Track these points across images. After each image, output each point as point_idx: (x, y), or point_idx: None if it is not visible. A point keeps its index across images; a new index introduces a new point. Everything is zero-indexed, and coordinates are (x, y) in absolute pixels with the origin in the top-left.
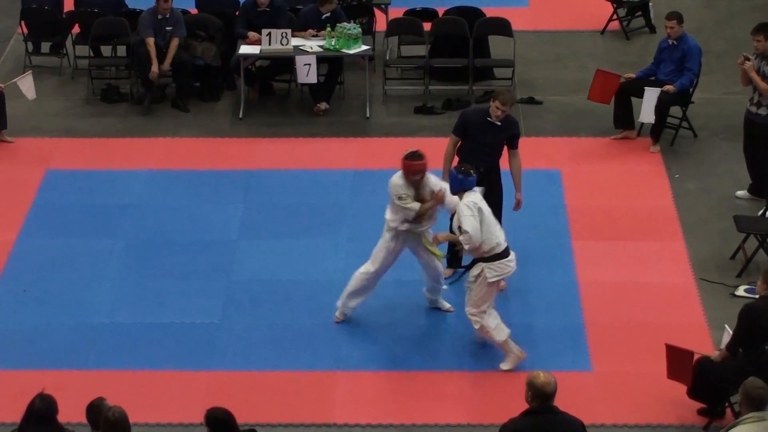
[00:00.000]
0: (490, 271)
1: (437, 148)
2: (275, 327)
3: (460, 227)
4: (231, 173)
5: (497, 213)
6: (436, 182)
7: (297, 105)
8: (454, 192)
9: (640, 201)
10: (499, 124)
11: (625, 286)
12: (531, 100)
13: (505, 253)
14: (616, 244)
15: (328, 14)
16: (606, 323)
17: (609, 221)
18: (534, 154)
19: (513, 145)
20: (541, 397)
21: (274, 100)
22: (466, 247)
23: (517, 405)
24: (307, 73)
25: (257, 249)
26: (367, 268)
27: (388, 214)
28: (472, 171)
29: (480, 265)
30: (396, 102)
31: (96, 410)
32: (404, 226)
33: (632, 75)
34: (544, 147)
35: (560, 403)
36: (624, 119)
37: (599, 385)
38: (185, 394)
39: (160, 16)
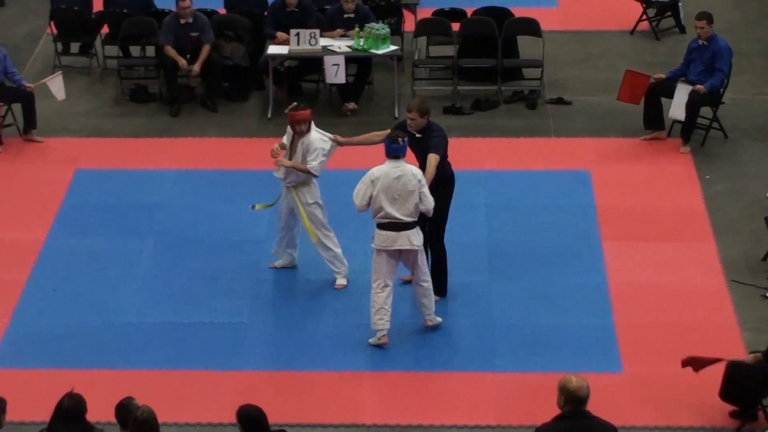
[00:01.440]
0: (376, 238)
1: (467, 149)
2: (303, 327)
3: None
4: (259, 173)
5: (433, 227)
6: (310, 147)
7: (326, 105)
8: (386, 156)
9: (671, 202)
10: (419, 135)
11: (656, 287)
12: (560, 101)
13: (390, 226)
14: (646, 245)
15: (352, 14)
16: (636, 324)
17: (639, 222)
18: (563, 155)
19: (428, 150)
20: (573, 401)
21: (302, 100)
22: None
23: (547, 406)
24: (336, 73)
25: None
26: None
27: None
28: (399, 139)
29: (376, 229)
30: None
31: (125, 410)
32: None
33: (662, 75)
34: (574, 147)
35: (590, 404)
36: (654, 120)
37: (629, 386)
38: (213, 394)
39: (182, 21)
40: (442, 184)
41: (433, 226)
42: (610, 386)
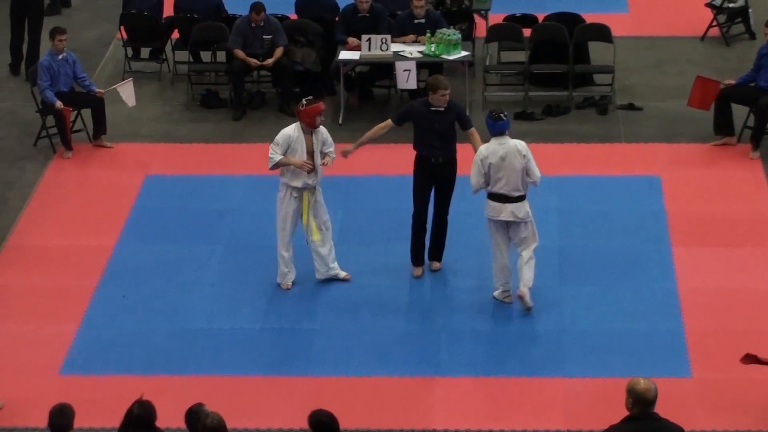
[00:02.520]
0: (485, 207)
1: (538, 154)
2: (374, 332)
3: None
4: (330, 179)
5: (445, 202)
6: (326, 138)
7: (397, 111)
8: (492, 135)
9: (741, 207)
10: (442, 109)
11: (726, 292)
12: (631, 107)
13: (498, 198)
14: (716, 251)
15: (423, 20)
16: (706, 329)
17: (709, 227)
18: (634, 160)
19: (465, 126)
20: (641, 403)
21: (373, 105)
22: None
23: (617, 411)
24: (407, 78)
25: (356, 254)
26: (282, 235)
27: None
28: (502, 115)
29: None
30: (496, 108)
31: (195, 416)
32: (298, 182)
33: (732, 81)
34: (644, 153)
35: (660, 409)
36: (724, 125)
37: (699, 391)
38: (283, 400)
39: (254, 24)
40: (454, 162)
41: (443, 201)
42: (680, 391)
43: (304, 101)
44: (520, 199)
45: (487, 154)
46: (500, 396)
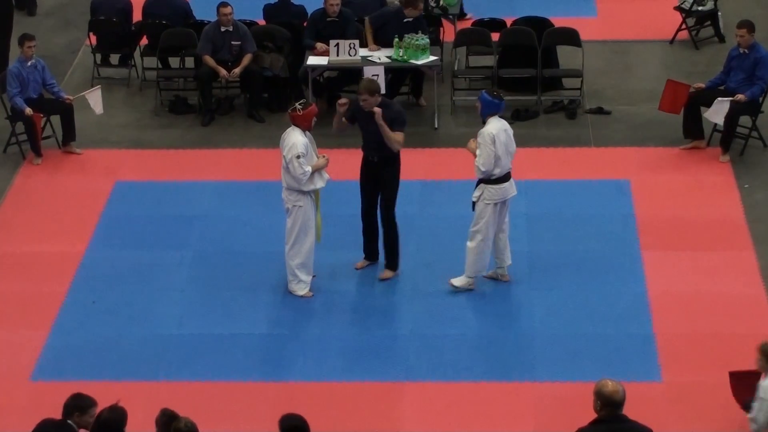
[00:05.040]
0: (491, 193)
1: None
2: (344, 338)
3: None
4: None
5: (389, 201)
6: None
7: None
8: (486, 115)
9: (710, 211)
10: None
11: (695, 296)
12: (600, 111)
13: (505, 177)
14: (685, 254)
15: (410, 19)
16: (676, 333)
17: (678, 231)
18: (603, 164)
19: (393, 128)
20: (610, 405)
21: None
22: (477, 174)
23: (587, 415)
24: None
25: (326, 260)
26: (309, 243)
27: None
28: (501, 94)
29: (482, 187)
30: (464, 112)
31: (165, 421)
32: (321, 183)
33: (702, 85)
34: (614, 157)
35: (629, 413)
36: (694, 129)
37: (669, 395)
38: (254, 406)
39: (223, 29)
40: (396, 159)
41: (385, 202)
42: (650, 395)
43: (298, 106)
44: None
45: (496, 133)
46: (470, 401)
